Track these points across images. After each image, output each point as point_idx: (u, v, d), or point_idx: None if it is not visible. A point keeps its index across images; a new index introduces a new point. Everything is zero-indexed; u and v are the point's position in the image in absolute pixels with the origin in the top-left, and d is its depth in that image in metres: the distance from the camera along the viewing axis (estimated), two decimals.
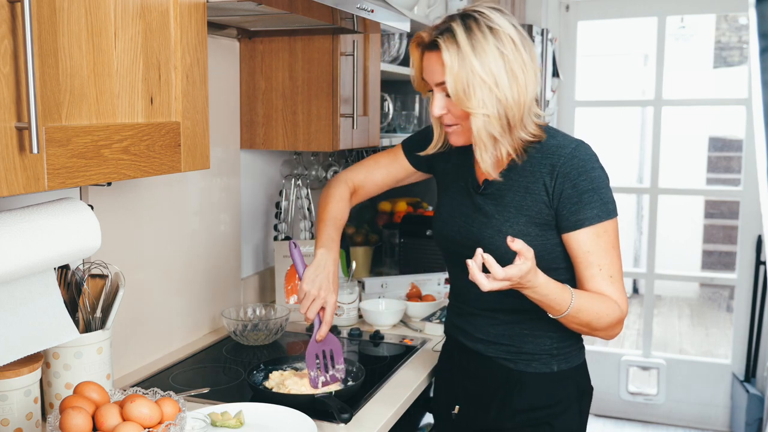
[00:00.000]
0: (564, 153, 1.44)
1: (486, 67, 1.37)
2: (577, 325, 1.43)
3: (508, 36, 1.39)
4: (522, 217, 1.47)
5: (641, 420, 4.02)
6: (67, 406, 1.09)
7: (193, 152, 1.25)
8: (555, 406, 1.53)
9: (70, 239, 1.16)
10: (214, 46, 1.97)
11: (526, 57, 1.41)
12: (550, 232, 1.46)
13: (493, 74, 1.37)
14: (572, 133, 3.90)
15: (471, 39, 1.38)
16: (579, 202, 1.42)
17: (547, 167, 1.45)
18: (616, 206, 1.46)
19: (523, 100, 1.40)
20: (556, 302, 1.39)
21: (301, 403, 1.48)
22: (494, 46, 1.38)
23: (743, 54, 6.85)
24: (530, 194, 1.46)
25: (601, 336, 1.47)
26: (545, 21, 3.69)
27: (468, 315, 1.60)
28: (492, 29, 1.39)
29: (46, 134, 0.93)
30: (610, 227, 1.44)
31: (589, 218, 1.42)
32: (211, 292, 2.06)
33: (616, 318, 1.43)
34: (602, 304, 1.42)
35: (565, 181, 1.42)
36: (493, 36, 1.38)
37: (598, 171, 1.44)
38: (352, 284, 2.16)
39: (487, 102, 1.38)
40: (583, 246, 1.44)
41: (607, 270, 1.44)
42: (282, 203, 2.30)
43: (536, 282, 1.35)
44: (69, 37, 0.98)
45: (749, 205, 3.75)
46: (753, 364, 3.75)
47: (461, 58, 1.37)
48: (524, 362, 1.53)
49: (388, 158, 1.79)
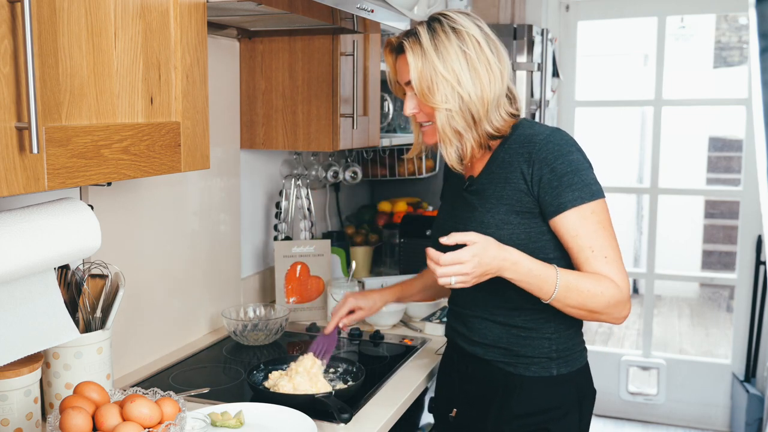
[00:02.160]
0: (539, 140, 1.46)
1: (448, 65, 1.44)
2: (572, 308, 1.42)
3: (471, 36, 1.45)
4: (502, 206, 1.48)
5: (641, 420, 4.02)
6: (67, 406, 1.09)
7: (193, 152, 1.25)
8: (554, 411, 1.52)
9: (70, 239, 1.16)
10: (214, 46, 1.97)
11: (491, 56, 1.46)
12: (533, 220, 1.46)
13: (455, 72, 1.44)
14: (572, 134, 3.89)
15: (434, 39, 1.45)
16: (559, 185, 1.42)
17: (524, 156, 1.47)
18: (600, 188, 1.45)
19: (487, 96, 1.45)
20: (542, 279, 1.38)
21: (301, 403, 1.48)
22: (456, 45, 1.44)
23: (743, 54, 6.85)
24: (509, 184, 1.48)
25: (605, 319, 1.44)
26: (545, 21, 3.69)
27: (466, 318, 1.60)
28: (455, 30, 1.45)
29: (46, 134, 0.93)
30: (597, 208, 1.43)
31: (571, 200, 1.42)
32: (211, 292, 2.06)
33: (614, 297, 1.41)
34: (594, 282, 1.40)
35: (543, 167, 1.43)
36: (456, 36, 1.45)
37: (575, 154, 1.45)
38: (352, 284, 2.16)
39: (449, 98, 1.44)
40: (570, 230, 1.43)
41: (601, 251, 1.42)
42: (282, 203, 2.30)
43: (504, 256, 1.37)
44: (69, 37, 0.98)
45: (749, 205, 3.75)
46: (753, 364, 3.75)
47: (424, 57, 1.44)
48: (523, 366, 1.52)
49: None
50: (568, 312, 1.44)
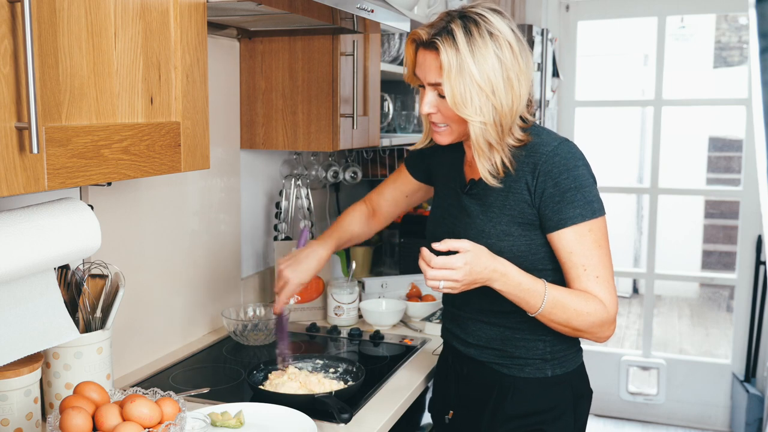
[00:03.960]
0: (545, 151, 1.42)
1: (484, 74, 1.35)
2: (557, 323, 1.41)
3: (507, 42, 1.37)
4: (504, 216, 1.46)
5: (641, 420, 4.02)
6: (67, 406, 1.09)
7: (193, 152, 1.25)
8: (548, 412, 1.51)
9: (70, 239, 1.16)
10: (214, 46, 1.97)
11: (523, 64, 1.39)
12: (534, 232, 1.45)
13: (490, 81, 1.36)
14: (572, 133, 3.90)
15: (471, 43, 1.35)
16: (561, 201, 1.40)
17: (529, 166, 1.43)
18: (602, 205, 1.43)
19: (516, 107, 1.39)
20: (530, 293, 1.38)
21: (301, 403, 1.48)
22: (493, 52, 1.36)
23: (743, 54, 6.85)
24: (513, 194, 1.45)
25: (588, 337, 1.45)
26: (545, 21, 3.69)
27: (460, 319, 1.60)
28: (492, 34, 1.36)
29: (46, 134, 0.93)
30: (595, 226, 1.41)
31: (572, 218, 1.40)
32: (211, 292, 2.06)
33: (600, 318, 1.40)
34: (582, 301, 1.39)
35: (547, 180, 1.41)
36: (493, 41, 1.36)
37: (581, 169, 1.42)
38: (352, 284, 2.16)
39: (483, 109, 1.36)
40: (566, 246, 1.41)
41: (593, 270, 1.41)
42: (282, 203, 2.30)
43: (495, 266, 1.36)
44: (69, 37, 0.98)
45: (749, 205, 3.75)
46: (753, 364, 3.75)
47: (460, 62, 1.35)
48: (517, 367, 1.52)
49: (395, 174, 1.84)
50: (552, 327, 1.44)
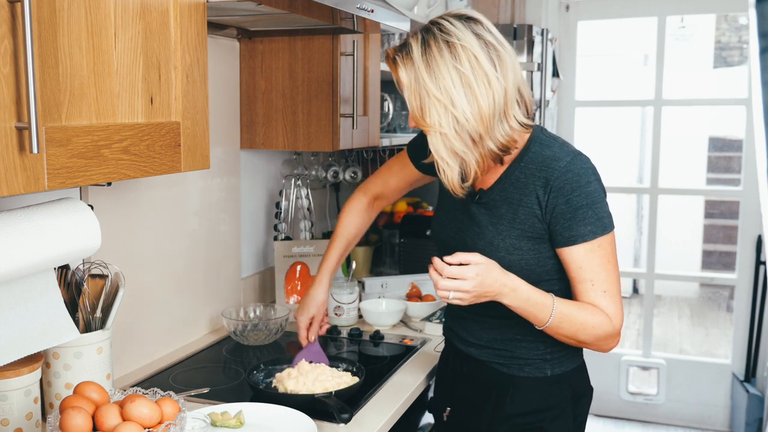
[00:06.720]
0: (558, 166, 1.41)
1: (440, 85, 1.33)
2: (564, 336, 1.43)
3: (466, 50, 1.33)
4: (514, 230, 1.45)
5: (641, 420, 4.02)
6: (67, 406, 1.10)
7: (193, 152, 1.25)
8: (548, 411, 1.52)
9: (70, 239, 1.16)
10: (214, 46, 1.97)
11: (490, 69, 1.34)
12: (543, 245, 1.45)
13: (448, 93, 1.33)
14: (572, 134, 3.90)
15: (426, 57, 1.35)
16: (573, 218, 1.40)
17: (541, 180, 1.42)
18: (611, 220, 1.43)
19: (486, 113, 1.34)
20: (538, 308, 1.39)
21: (301, 403, 1.48)
22: (450, 62, 1.33)
23: (743, 54, 6.85)
24: (523, 207, 1.44)
25: (592, 349, 1.47)
26: (545, 21, 3.69)
27: (461, 318, 1.60)
28: (449, 44, 1.34)
29: (46, 134, 0.93)
30: (605, 242, 1.42)
31: (583, 235, 1.40)
32: (211, 292, 2.06)
33: (605, 332, 1.42)
34: (589, 315, 1.41)
35: (559, 196, 1.40)
36: (450, 51, 1.33)
37: (593, 185, 1.41)
38: (352, 284, 2.16)
39: (442, 121, 1.34)
40: (576, 261, 1.42)
41: (601, 284, 1.42)
42: (282, 203, 2.30)
43: (505, 281, 1.36)
44: (69, 37, 0.98)
45: (749, 205, 3.75)
46: (753, 364, 3.75)
47: (416, 77, 1.35)
48: (517, 366, 1.52)
49: (398, 164, 1.82)
50: (558, 338, 1.45)
